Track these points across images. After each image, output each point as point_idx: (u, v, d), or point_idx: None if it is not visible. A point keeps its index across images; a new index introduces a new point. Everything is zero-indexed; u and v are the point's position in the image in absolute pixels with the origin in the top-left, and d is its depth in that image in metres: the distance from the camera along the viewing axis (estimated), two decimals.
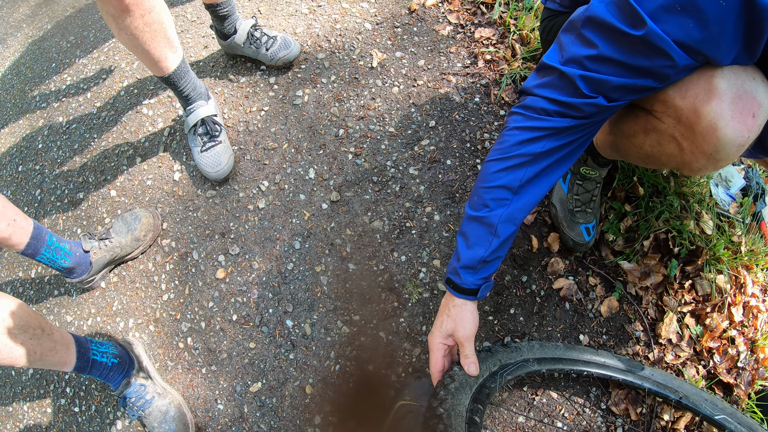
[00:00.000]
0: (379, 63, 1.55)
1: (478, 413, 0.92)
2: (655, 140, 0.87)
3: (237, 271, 1.37)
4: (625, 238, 1.34)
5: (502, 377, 1.06)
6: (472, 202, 0.90)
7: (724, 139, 0.73)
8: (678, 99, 0.76)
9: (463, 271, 0.92)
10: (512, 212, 0.88)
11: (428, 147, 1.43)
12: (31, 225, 1.19)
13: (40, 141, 1.75)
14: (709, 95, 0.73)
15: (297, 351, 1.28)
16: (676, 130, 0.80)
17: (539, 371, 1.12)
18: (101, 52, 1.83)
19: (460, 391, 0.97)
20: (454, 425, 0.85)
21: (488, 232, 0.88)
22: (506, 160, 0.85)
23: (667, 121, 0.81)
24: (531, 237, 1.33)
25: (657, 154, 0.89)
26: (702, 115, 0.74)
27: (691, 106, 0.75)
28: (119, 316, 1.41)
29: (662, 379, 1.19)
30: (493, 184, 0.87)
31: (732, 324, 1.32)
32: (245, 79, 1.59)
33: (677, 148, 0.82)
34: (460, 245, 0.93)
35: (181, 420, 1.24)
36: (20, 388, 1.46)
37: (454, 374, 1.03)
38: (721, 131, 0.73)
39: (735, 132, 0.72)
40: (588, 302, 1.30)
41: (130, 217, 1.40)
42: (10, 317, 0.99)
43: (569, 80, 0.78)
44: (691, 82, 0.75)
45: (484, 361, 1.10)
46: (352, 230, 1.36)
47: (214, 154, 1.40)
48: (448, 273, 0.96)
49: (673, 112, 0.78)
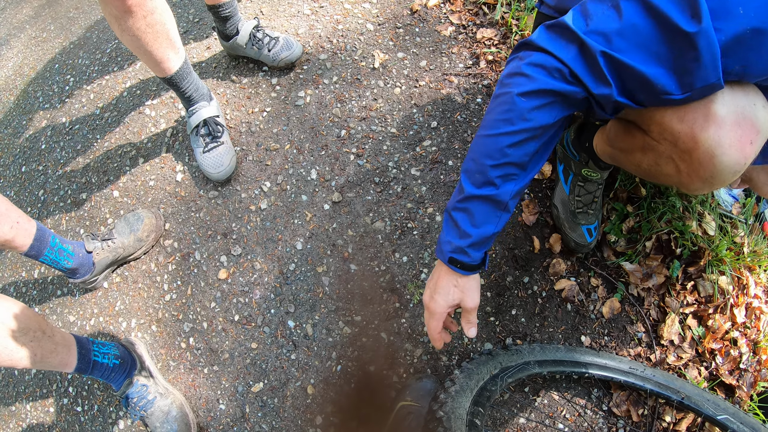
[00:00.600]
0: (381, 64, 1.55)
1: (479, 416, 0.92)
2: (652, 160, 0.86)
3: (239, 272, 1.37)
4: (627, 239, 1.34)
5: (503, 380, 1.06)
6: (474, 179, 0.83)
7: (721, 166, 0.72)
8: (676, 123, 0.75)
9: (472, 249, 0.87)
10: (521, 187, 0.84)
11: (430, 148, 1.43)
12: (34, 227, 1.19)
13: (43, 142, 1.76)
14: (707, 122, 0.71)
15: (299, 351, 1.28)
16: (674, 153, 0.79)
17: (540, 374, 1.12)
18: (104, 53, 1.84)
19: (460, 394, 0.97)
20: (454, 428, 0.86)
21: (497, 208, 0.84)
22: (517, 134, 0.77)
23: (664, 144, 0.80)
24: (533, 238, 1.33)
25: (655, 173, 0.88)
26: (699, 141, 0.72)
27: (689, 131, 0.73)
28: (122, 316, 1.41)
29: (664, 380, 1.19)
30: (503, 161, 0.80)
31: (734, 325, 1.31)
32: (247, 80, 1.59)
33: (675, 169, 0.81)
34: (462, 223, 0.86)
35: (183, 420, 1.25)
36: (23, 387, 1.47)
37: (455, 377, 1.03)
38: (718, 158, 0.72)
39: (732, 159, 0.71)
40: (590, 303, 1.30)
41: (132, 217, 1.41)
42: (10, 319, 0.99)
43: (590, 53, 0.71)
44: (689, 105, 0.73)
45: (485, 363, 1.10)
46: (354, 231, 1.37)
47: (217, 155, 1.41)
48: (450, 252, 0.89)
49: (670, 136, 0.77)
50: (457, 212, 0.86)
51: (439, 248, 0.90)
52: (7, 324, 0.99)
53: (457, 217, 0.86)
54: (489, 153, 0.81)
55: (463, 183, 0.85)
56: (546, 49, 0.75)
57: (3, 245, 1.13)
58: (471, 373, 1.05)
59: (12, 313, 1.00)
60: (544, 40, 0.76)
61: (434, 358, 1.24)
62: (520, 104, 0.76)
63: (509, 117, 0.77)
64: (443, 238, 0.89)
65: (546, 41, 0.76)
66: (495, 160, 0.80)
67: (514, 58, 0.81)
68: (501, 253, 1.32)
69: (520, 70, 0.77)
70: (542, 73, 0.75)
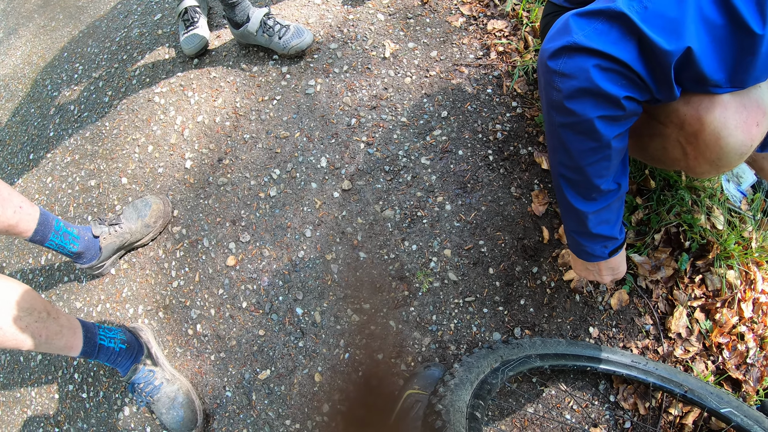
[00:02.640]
0: (392, 53, 1.55)
1: (480, 409, 0.92)
2: (659, 144, 0.87)
3: (247, 259, 1.37)
4: (636, 231, 1.34)
5: (504, 373, 1.06)
6: (594, 195, 0.85)
7: (727, 148, 0.73)
8: (682, 105, 0.75)
9: (619, 237, 0.95)
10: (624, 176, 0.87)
11: (440, 137, 1.43)
12: (38, 211, 1.19)
13: (51, 129, 1.76)
14: (712, 104, 0.71)
15: (306, 339, 1.28)
16: (681, 136, 0.79)
17: (542, 367, 1.12)
18: (113, 41, 1.84)
19: (460, 387, 0.96)
20: (453, 421, 0.85)
21: (621, 197, 0.89)
22: (607, 159, 0.77)
23: (671, 127, 0.81)
24: (542, 228, 1.33)
25: (662, 157, 0.89)
26: (705, 123, 0.73)
27: (695, 113, 0.74)
28: (129, 302, 1.41)
29: (667, 374, 1.18)
30: (606, 175, 0.82)
31: (742, 320, 1.31)
32: (257, 69, 1.59)
33: (682, 152, 0.81)
34: (608, 231, 0.91)
35: (189, 407, 1.24)
36: (28, 373, 1.46)
37: (455, 371, 1.03)
38: (724, 140, 0.72)
39: (738, 141, 0.72)
40: (598, 295, 1.30)
41: (140, 203, 1.40)
42: (15, 300, 0.99)
43: (653, 51, 0.65)
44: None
45: (485, 357, 1.10)
46: (364, 219, 1.36)
47: (191, 35, 1.64)
48: (609, 252, 0.96)
49: (677, 119, 0.77)
50: (600, 225, 0.90)
51: (592, 254, 0.97)
52: (12, 304, 0.98)
53: (601, 231, 0.91)
54: (593, 175, 0.80)
55: (580, 206, 0.86)
56: (601, 51, 0.66)
57: (7, 231, 1.12)
58: (471, 367, 1.05)
59: (16, 294, 1.00)
60: (594, 39, 0.67)
61: (442, 347, 1.24)
62: (603, 136, 0.73)
63: (594, 147, 0.76)
64: (592, 249, 0.96)
65: (596, 40, 0.67)
66: (601, 177, 0.81)
67: (567, 75, 0.70)
68: (510, 243, 1.32)
69: (586, 90, 0.69)
70: (613, 87, 0.68)
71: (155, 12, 1.85)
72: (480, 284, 1.29)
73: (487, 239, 1.33)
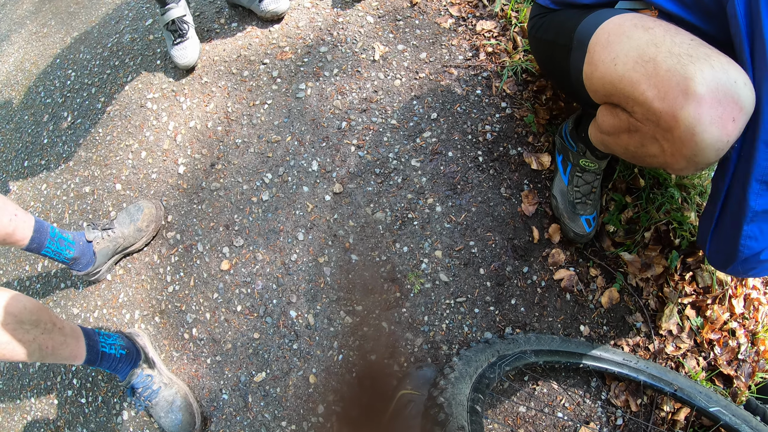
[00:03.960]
0: (381, 56, 1.56)
1: (479, 402, 0.93)
2: (638, 141, 0.86)
3: (241, 263, 1.38)
4: (625, 230, 1.35)
5: (501, 368, 1.07)
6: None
7: (703, 144, 0.72)
8: (657, 102, 0.75)
9: None
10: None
11: (430, 139, 1.44)
12: (32, 219, 1.20)
13: (45, 136, 1.76)
14: (686, 100, 0.71)
15: (300, 341, 1.29)
16: (657, 132, 0.79)
17: (536, 363, 1.13)
18: (105, 47, 1.84)
19: (459, 380, 0.98)
20: (455, 414, 0.86)
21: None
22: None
23: (647, 124, 0.80)
24: (532, 228, 1.34)
25: (641, 154, 0.88)
26: (680, 119, 0.72)
27: (669, 110, 0.73)
28: (125, 307, 1.43)
29: (657, 372, 1.20)
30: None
31: (733, 316, 1.32)
32: (248, 73, 1.60)
33: (659, 149, 0.81)
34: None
35: (187, 410, 1.26)
36: (27, 380, 1.48)
37: (454, 364, 1.04)
38: (699, 136, 0.72)
39: (714, 137, 0.71)
40: (589, 293, 1.31)
41: (133, 208, 1.42)
42: (22, 313, 0.99)
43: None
44: (670, 84, 0.73)
45: (483, 351, 1.11)
46: (355, 221, 1.38)
47: (182, 47, 1.62)
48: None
49: (653, 116, 0.77)
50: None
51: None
52: (19, 318, 0.98)
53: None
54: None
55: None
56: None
57: (4, 240, 1.12)
58: (470, 361, 1.06)
59: (22, 307, 1.00)
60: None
61: (434, 348, 1.25)
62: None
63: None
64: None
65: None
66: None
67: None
68: (501, 243, 1.33)
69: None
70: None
71: (146, 17, 1.85)
72: (471, 285, 1.30)
73: (478, 240, 1.34)
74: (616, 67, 0.81)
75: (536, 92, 1.48)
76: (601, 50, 0.86)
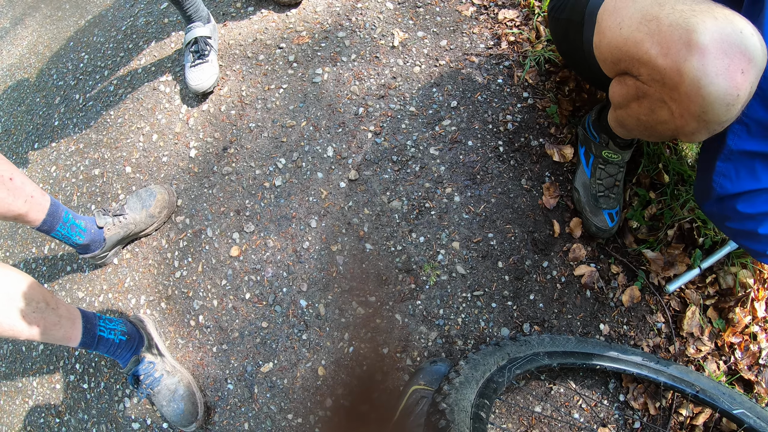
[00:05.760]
0: (401, 42, 1.52)
1: (485, 408, 0.89)
2: (647, 107, 0.84)
3: (251, 249, 1.34)
4: (648, 227, 1.30)
5: (511, 371, 1.03)
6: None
7: (710, 98, 0.69)
8: (660, 59, 0.73)
9: None
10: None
11: (449, 127, 1.40)
12: (48, 201, 1.18)
13: (56, 119, 1.74)
14: (690, 52, 0.68)
15: (310, 332, 1.25)
16: (664, 93, 0.77)
17: (550, 365, 1.09)
18: (119, 30, 1.82)
19: (465, 385, 0.94)
20: (457, 421, 0.82)
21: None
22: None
23: (654, 86, 0.78)
24: (553, 222, 1.30)
25: (652, 123, 0.87)
26: (684, 73, 0.69)
27: (673, 65, 0.71)
28: (131, 292, 1.39)
29: (678, 373, 1.15)
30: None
31: (755, 319, 1.28)
32: (264, 57, 1.57)
33: (668, 112, 0.79)
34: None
35: (189, 399, 1.22)
36: (30, 363, 1.45)
37: (460, 368, 1.00)
38: (705, 89, 0.68)
39: (721, 89, 0.68)
40: (609, 291, 1.26)
41: (144, 193, 1.39)
42: (14, 289, 0.98)
43: None
44: (672, 38, 0.70)
45: (492, 354, 1.07)
46: (370, 210, 1.34)
47: (200, 70, 1.51)
48: None
49: (658, 75, 0.75)
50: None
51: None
52: (10, 294, 0.97)
53: None
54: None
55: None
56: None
57: (16, 219, 1.12)
58: (477, 364, 1.02)
59: (16, 284, 0.99)
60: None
61: (449, 342, 1.21)
62: None
63: None
64: None
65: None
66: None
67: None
68: (520, 236, 1.29)
69: None
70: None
71: (161, 1, 1.83)
72: (489, 278, 1.26)
73: (497, 232, 1.29)
74: (621, 30, 0.80)
75: (559, 83, 1.44)
76: (608, 17, 0.84)
